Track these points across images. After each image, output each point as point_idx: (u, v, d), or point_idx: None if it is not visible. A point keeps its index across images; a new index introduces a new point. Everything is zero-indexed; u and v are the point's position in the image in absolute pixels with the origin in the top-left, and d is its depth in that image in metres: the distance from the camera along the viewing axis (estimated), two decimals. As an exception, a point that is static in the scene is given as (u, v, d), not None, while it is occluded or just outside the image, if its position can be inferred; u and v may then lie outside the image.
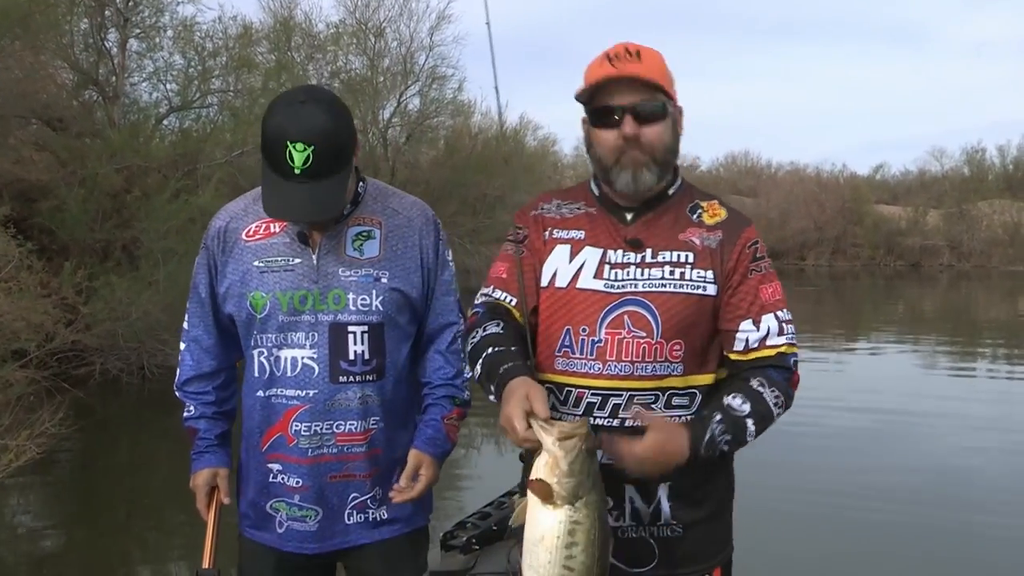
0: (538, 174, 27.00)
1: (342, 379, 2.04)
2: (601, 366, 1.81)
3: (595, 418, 1.80)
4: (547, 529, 1.53)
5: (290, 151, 1.88)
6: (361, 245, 2.08)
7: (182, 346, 2.23)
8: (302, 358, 2.04)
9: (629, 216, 1.90)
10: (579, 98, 1.87)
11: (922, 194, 42.20)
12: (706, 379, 1.86)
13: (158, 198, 11.52)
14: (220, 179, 12.47)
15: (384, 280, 2.07)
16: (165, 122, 13.97)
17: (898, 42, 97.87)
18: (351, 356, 2.04)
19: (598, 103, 1.85)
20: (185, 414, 2.25)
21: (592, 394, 1.81)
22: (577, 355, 1.83)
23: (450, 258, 2.21)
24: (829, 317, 21.41)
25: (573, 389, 1.83)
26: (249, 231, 2.10)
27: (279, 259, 2.06)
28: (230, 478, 2.21)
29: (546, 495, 1.52)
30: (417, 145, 24.02)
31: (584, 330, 1.83)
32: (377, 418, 2.08)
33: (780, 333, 1.84)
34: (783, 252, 41.47)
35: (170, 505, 6.68)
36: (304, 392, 2.04)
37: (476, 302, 1.99)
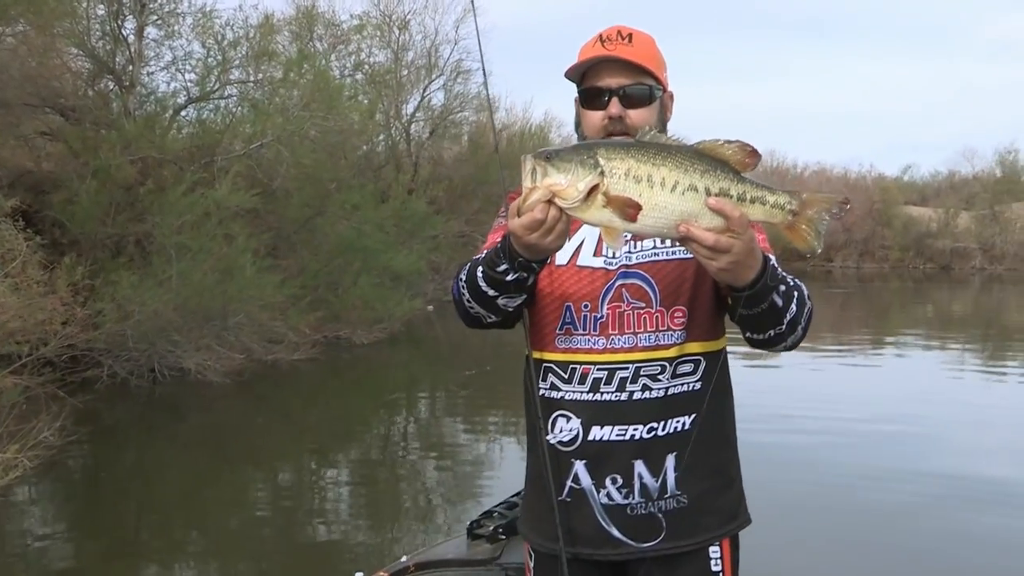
0: (562, 171, 26.25)
1: None
2: (605, 341, 1.80)
3: (603, 393, 1.80)
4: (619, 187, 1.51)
5: None
6: None
7: None
8: None
9: None
10: (569, 77, 1.89)
11: (952, 196, 41.40)
12: (712, 346, 1.85)
13: (173, 191, 11.00)
14: (238, 172, 11.98)
15: None
16: (183, 113, 13.48)
17: (924, 42, 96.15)
18: None
19: (587, 83, 1.87)
20: None
21: (598, 369, 1.81)
22: (580, 332, 1.82)
23: None
24: (857, 321, 20.91)
25: (578, 366, 1.82)
26: None
27: None
28: None
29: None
30: (440, 140, 23.55)
31: (586, 306, 1.82)
32: None
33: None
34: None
35: (181, 516, 6.28)
36: None
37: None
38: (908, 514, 5.90)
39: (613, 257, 1.83)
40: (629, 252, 1.84)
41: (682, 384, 1.82)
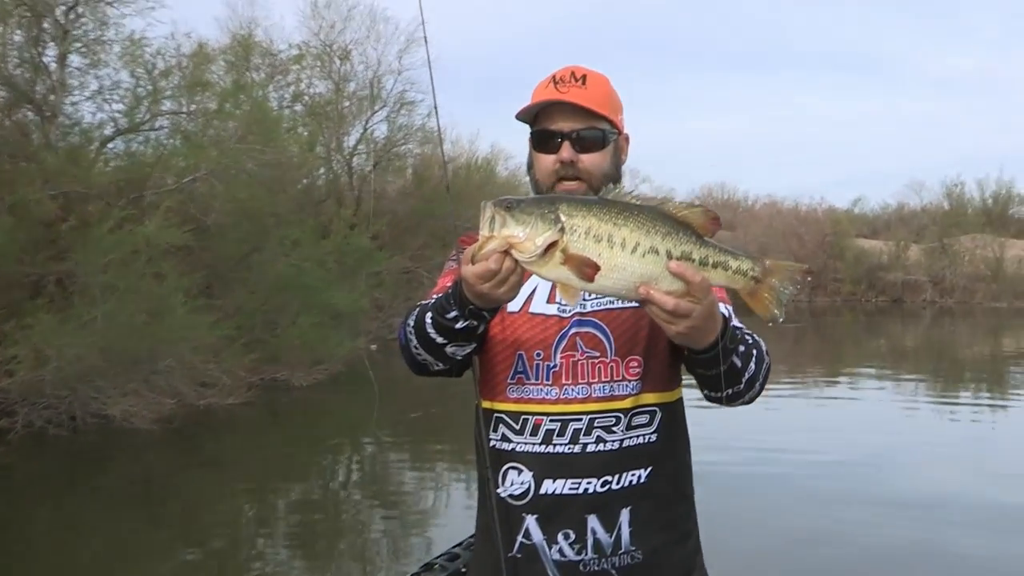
0: (510, 205, 26.45)
1: None
2: (558, 391, 1.81)
3: (555, 445, 1.80)
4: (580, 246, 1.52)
5: None
6: None
7: None
8: None
9: None
10: (521, 118, 1.91)
11: (902, 228, 42.39)
12: (668, 396, 1.86)
13: (99, 227, 10.72)
14: (169, 207, 11.75)
15: None
16: (110, 145, 13.19)
17: (871, 75, 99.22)
18: None
19: (540, 126, 1.89)
20: None
21: (551, 420, 1.81)
22: (532, 381, 1.83)
23: None
24: (809, 356, 21.26)
25: (530, 417, 1.82)
26: None
27: None
28: None
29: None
30: (384, 174, 23.48)
31: (539, 355, 1.83)
32: None
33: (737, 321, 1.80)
34: (761, 287, 41.30)
35: (105, 573, 5.94)
36: None
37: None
38: (869, 557, 5.90)
39: (566, 304, 1.85)
40: (584, 299, 1.85)
41: (637, 436, 1.83)
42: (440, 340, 1.73)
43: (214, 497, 8.13)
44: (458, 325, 1.68)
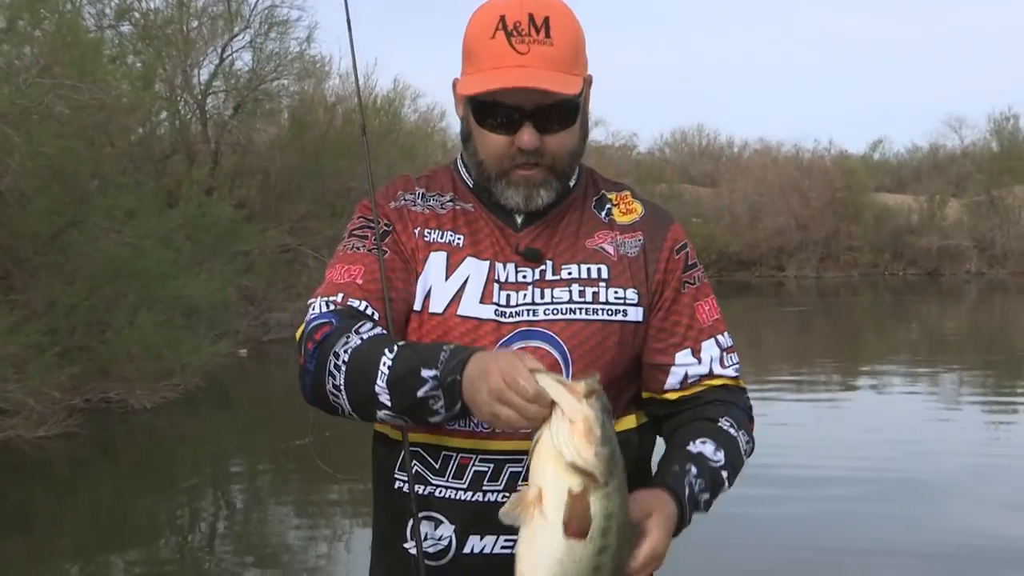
0: (422, 158, 26.55)
1: None
2: None
3: (486, 492, 1.85)
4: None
5: None
6: None
7: None
8: None
9: (519, 218, 1.97)
10: (467, 91, 1.86)
11: (937, 178, 43.48)
12: (625, 423, 1.92)
13: None
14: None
15: None
16: None
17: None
18: None
19: (488, 94, 1.83)
20: None
21: (481, 460, 1.85)
22: None
23: None
24: (818, 347, 21.75)
25: (453, 454, 1.86)
26: None
27: None
28: None
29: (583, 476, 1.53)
30: (250, 119, 23.31)
31: None
32: None
33: (722, 364, 1.97)
34: (755, 260, 42.18)
35: None
36: None
37: (320, 310, 1.85)
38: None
39: (508, 305, 1.87)
40: (534, 304, 1.88)
41: None
42: (384, 398, 1.70)
43: (19, 567, 7.90)
44: (422, 390, 1.64)
